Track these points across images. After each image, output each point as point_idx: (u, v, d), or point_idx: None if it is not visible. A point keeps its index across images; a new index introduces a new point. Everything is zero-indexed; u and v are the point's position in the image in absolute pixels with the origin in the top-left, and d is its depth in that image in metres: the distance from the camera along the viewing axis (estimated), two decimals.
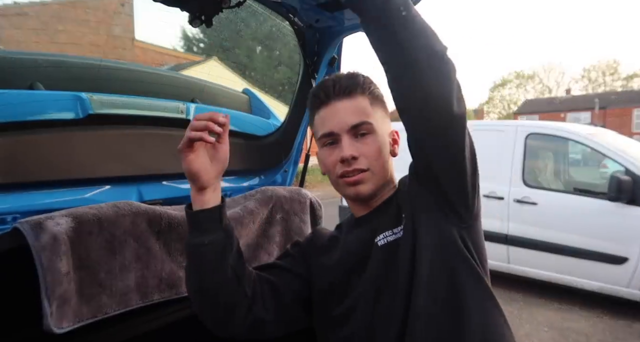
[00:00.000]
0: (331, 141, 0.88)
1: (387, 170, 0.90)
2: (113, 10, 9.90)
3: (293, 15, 1.24)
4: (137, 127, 1.26)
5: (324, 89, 0.89)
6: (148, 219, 1.05)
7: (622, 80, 43.48)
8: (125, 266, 1.00)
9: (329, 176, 0.92)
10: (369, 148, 0.86)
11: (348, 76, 0.90)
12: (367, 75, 0.92)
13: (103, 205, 1.01)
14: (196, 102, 1.46)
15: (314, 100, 0.91)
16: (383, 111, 0.92)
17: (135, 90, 1.31)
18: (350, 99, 0.87)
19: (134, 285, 1.02)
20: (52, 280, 0.85)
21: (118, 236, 0.99)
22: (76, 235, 0.91)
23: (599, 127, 5.29)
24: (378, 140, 0.87)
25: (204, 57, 20.26)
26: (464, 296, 0.78)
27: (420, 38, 0.73)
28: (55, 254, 0.86)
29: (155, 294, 1.06)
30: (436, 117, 0.74)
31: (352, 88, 0.87)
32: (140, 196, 1.27)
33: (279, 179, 1.70)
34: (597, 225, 3.77)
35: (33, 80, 1.13)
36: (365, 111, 0.87)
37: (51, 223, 0.88)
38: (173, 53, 20.68)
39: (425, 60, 0.72)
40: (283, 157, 1.64)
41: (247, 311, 0.86)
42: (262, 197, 1.32)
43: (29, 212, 1.05)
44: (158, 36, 19.28)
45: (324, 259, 0.95)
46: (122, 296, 0.99)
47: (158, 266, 1.07)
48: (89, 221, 0.94)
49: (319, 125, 0.90)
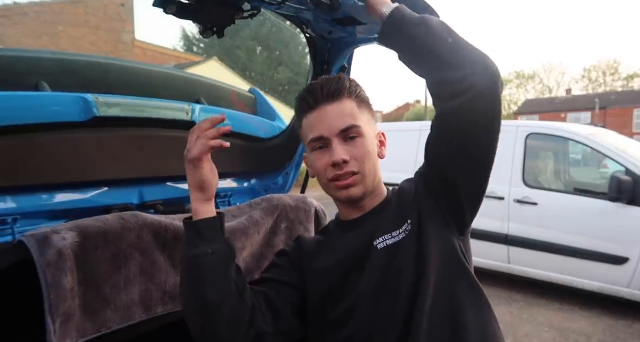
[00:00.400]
0: (321, 145, 0.89)
1: (376, 172, 0.91)
2: (113, 10, 9.94)
3: (306, 26, 1.23)
4: (141, 129, 1.25)
5: (312, 93, 0.89)
6: (154, 232, 1.04)
7: (623, 80, 43.42)
8: (130, 280, 0.99)
9: (319, 179, 0.92)
10: (359, 151, 0.87)
11: (334, 80, 0.90)
12: (352, 78, 0.94)
13: (109, 217, 1.00)
14: (201, 103, 1.45)
15: (302, 104, 0.91)
16: (369, 113, 0.93)
17: (141, 89, 1.30)
18: (338, 102, 0.88)
19: (138, 298, 1.01)
20: (56, 296, 0.84)
21: (123, 249, 0.98)
22: (82, 249, 0.90)
23: (599, 127, 5.29)
24: (367, 143, 0.89)
25: (204, 57, 20.12)
26: (464, 300, 0.82)
27: (478, 61, 0.76)
28: (60, 270, 0.85)
29: (158, 307, 1.05)
30: (481, 135, 0.78)
31: (339, 92, 0.88)
32: (141, 196, 1.27)
33: (280, 181, 1.69)
34: (597, 225, 3.77)
35: (38, 79, 1.12)
36: (353, 114, 0.88)
37: (57, 238, 0.87)
38: (173, 53, 20.58)
39: (481, 85, 0.74)
40: (286, 160, 1.63)
41: (249, 325, 0.84)
42: (267, 206, 1.31)
43: (30, 213, 1.05)
44: (158, 36, 19.08)
45: (316, 263, 0.95)
46: (125, 310, 0.98)
47: (162, 279, 1.06)
48: (94, 235, 0.94)
49: (307, 129, 0.91)
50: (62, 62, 1.23)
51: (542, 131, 4.36)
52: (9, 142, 0.99)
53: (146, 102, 1.23)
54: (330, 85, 0.89)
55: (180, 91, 1.45)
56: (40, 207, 1.07)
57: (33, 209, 1.05)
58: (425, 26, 0.79)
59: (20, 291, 0.90)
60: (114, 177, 1.19)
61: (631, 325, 3.59)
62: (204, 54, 19.94)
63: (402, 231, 0.86)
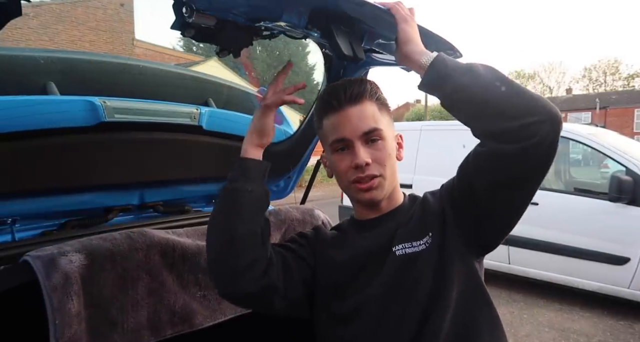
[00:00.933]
0: (342, 147, 0.90)
1: (395, 174, 0.92)
2: (113, 10, 9.94)
3: (322, 47, 1.22)
4: (147, 133, 1.24)
5: (335, 95, 0.90)
6: (161, 251, 1.03)
7: (623, 80, 43.46)
8: (138, 302, 0.98)
9: (339, 180, 0.93)
10: (381, 154, 0.88)
11: (357, 82, 0.91)
12: (372, 81, 0.94)
13: (117, 236, 0.99)
14: (210, 105, 1.43)
15: (324, 105, 0.92)
16: (389, 116, 0.94)
17: (149, 90, 1.29)
18: (360, 105, 0.88)
19: (146, 321, 0.99)
20: (62, 322, 0.82)
21: (131, 271, 0.97)
22: (89, 272, 0.89)
23: (599, 127, 5.28)
24: (387, 146, 0.90)
25: (204, 57, 20.08)
26: (480, 317, 0.83)
27: (537, 107, 0.72)
28: (67, 295, 0.84)
29: (168, 330, 1.03)
30: (533, 178, 0.76)
31: (361, 94, 0.89)
32: (141, 198, 1.26)
33: (282, 184, 1.68)
34: (598, 225, 3.76)
35: (46, 79, 1.10)
36: (374, 117, 0.89)
37: (64, 261, 0.86)
38: (173, 53, 20.56)
39: (545, 131, 0.71)
40: (291, 166, 1.61)
41: (264, 272, 0.86)
42: (275, 222, 1.29)
43: (30, 214, 1.04)
44: (158, 36, 19.05)
45: (331, 254, 0.95)
46: (133, 334, 0.96)
47: (171, 300, 1.04)
48: (102, 256, 0.92)
49: (329, 130, 0.91)
50: (70, 62, 1.21)
51: None
52: (15, 148, 0.98)
53: (154, 106, 1.21)
54: (353, 87, 0.89)
55: (189, 92, 1.44)
56: (41, 209, 1.06)
57: (34, 210, 1.05)
58: (472, 75, 0.76)
59: (25, 312, 0.89)
60: (117, 181, 1.18)
61: (632, 325, 3.58)
62: (203, 54, 19.95)
63: (423, 242, 0.86)
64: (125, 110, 1.14)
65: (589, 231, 3.79)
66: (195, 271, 1.10)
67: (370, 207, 0.94)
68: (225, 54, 0.98)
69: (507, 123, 0.72)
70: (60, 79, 1.12)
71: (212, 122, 1.33)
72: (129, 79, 1.32)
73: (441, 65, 0.79)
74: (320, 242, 0.99)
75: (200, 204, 1.62)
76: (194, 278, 1.10)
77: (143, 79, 1.36)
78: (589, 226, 3.80)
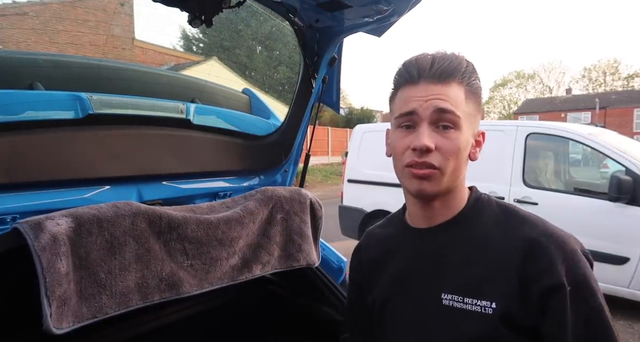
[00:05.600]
0: (408, 123, 0.76)
1: (459, 173, 0.78)
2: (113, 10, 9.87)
3: (293, 15, 1.25)
4: (136, 127, 1.26)
5: (419, 67, 0.76)
6: (148, 220, 1.05)
7: (623, 80, 43.45)
8: (125, 267, 1.00)
9: (394, 161, 0.80)
10: (448, 144, 0.74)
11: (451, 58, 0.76)
12: (470, 61, 0.79)
13: (103, 205, 1.01)
14: (196, 102, 1.46)
15: (404, 74, 0.78)
16: (476, 107, 0.79)
17: (135, 90, 1.31)
18: (445, 85, 0.74)
19: (134, 285, 1.01)
20: (52, 280, 0.85)
21: (118, 236, 0.99)
22: (76, 235, 0.92)
23: (599, 127, 5.28)
24: (460, 138, 0.75)
25: (204, 57, 20.10)
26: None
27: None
28: (55, 255, 0.86)
29: (155, 295, 1.06)
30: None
31: (451, 73, 0.74)
32: (140, 196, 1.27)
33: (279, 179, 1.70)
34: (597, 225, 3.76)
35: (33, 80, 1.13)
36: (456, 102, 0.74)
37: (51, 223, 0.88)
38: (173, 53, 20.64)
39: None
40: (283, 157, 1.64)
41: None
42: (262, 197, 1.33)
43: (29, 213, 1.05)
44: (158, 36, 19.12)
45: (381, 273, 0.90)
46: (122, 297, 0.99)
47: (158, 267, 1.07)
48: (88, 221, 0.94)
49: (399, 102, 0.78)
50: (56, 64, 1.24)
51: (542, 131, 4.35)
52: (2, 140, 0.99)
53: (141, 101, 1.25)
54: (444, 63, 0.74)
55: (175, 92, 1.46)
56: (35, 206, 1.07)
57: (28, 207, 1.05)
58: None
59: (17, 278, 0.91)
60: (110, 175, 1.19)
61: (632, 325, 3.59)
62: (203, 54, 19.94)
63: (478, 305, 0.72)
64: (111, 102, 1.16)
65: (588, 231, 3.78)
66: (182, 240, 1.12)
67: (419, 202, 0.82)
68: (198, 24, 1.00)
69: None
70: (46, 80, 1.15)
71: (200, 117, 1.37)
72: (116, 81, 1.35)
73: None
74: (365, 271, 0.94)
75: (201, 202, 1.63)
76: (181, 247, 1.12)
77: (130, 80, 1.39)
78: (589, 226, 3.80)
